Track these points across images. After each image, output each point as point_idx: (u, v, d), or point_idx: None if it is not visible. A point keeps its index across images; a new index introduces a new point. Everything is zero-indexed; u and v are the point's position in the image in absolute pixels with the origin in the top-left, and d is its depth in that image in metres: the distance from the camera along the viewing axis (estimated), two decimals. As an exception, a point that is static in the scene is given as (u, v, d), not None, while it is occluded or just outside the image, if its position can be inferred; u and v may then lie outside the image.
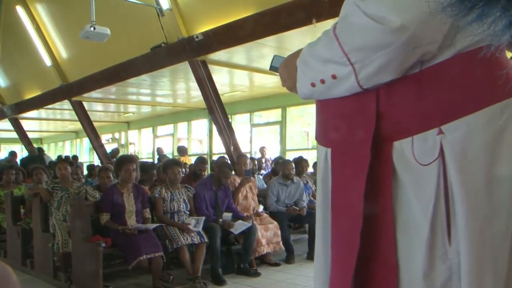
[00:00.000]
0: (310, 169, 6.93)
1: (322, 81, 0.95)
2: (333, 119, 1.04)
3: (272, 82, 9.77)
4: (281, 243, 5.10)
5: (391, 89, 0.92)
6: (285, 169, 5.70)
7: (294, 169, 5.77)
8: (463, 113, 0.88)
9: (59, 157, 5.17)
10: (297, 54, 1.04)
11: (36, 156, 11.66)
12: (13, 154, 11.64)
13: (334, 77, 0.93)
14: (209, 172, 7.17)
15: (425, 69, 0.90)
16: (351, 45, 0.88)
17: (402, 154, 0.92)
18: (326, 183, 1.06)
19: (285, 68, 1.10)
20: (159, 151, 12.20)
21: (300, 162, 6.20)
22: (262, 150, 10.14)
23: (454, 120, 0.88)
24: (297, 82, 1.03)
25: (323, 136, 1.11)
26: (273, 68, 1.32)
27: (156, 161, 10.85)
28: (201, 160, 6.17)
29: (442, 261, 0.89)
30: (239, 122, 13.44)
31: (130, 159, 4.74)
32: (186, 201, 4.75)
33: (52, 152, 22.31)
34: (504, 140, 0.88)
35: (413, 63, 0.89)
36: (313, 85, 0.98)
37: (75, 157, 12.19)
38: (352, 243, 0.94)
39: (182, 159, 9.21)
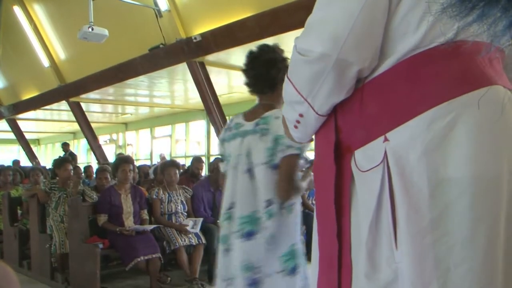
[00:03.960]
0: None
1: (298, 122, 1.06)
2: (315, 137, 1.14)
3: (270, 84, 9.77)
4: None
5: (341, 105, 0.99)
6: None
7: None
8: (405, 118, 0.89)
9: (65, 157, 5.18)
10: None
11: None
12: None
13: (301, 115, 1.03)
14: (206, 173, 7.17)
15: (366, 82, 0.95)
16: (299, 82, 0.98)
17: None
18: None
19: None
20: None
21: None
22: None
23: (397, 127, 0.90)
24: (289, 130, 1.14)
25: None
26: None
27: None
28: (197, 159, 6.16)
29: (388, 264, 0.90)
30: (237, 124, 13.43)
31: (126, 159, 4.73)
32: (184, 202, 4.75)
33: (49, 153, 22.29)
34: (450, 142, 0.86)
35: (355, 81, 0.95)
36: (296, 127, 1.08)
37: (72, 154, 12.16)
38: (333, 246, 1.00)
39: None
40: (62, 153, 11.51)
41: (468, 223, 0.85)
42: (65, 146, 12.28)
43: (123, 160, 4.66)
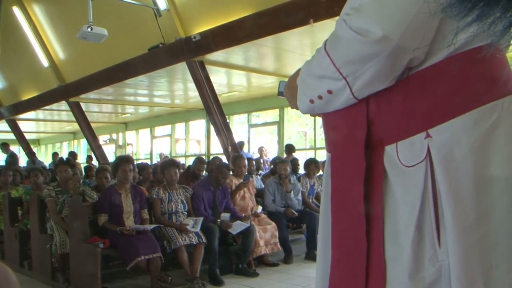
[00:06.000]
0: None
1: (320, 97, 0.99)
2: (330, 126, 1.09)
3: (269, 83, 9.77)
4: (278, 244, 5.09)
5: (379, 96, 0.94)
6: (279, 169, 5.72)
7: (290, 169, 5.79)
8: (450, 116, 0.89)
9: (61, 159, 5.14)
10: (297, 73, 1.08)
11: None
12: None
13: (330, 92, 0.96)
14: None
15: (411, 75, 0.92)
16: (341, 60, 0.92)
17: (392, 158, 0.94)
18: (328, 186, 1.09)
19: (288, 89, 1.15)
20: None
21: (309, 164, 6.18)
22: (260, 150, 10.14)
23: (440, 124, 0.89)
24: (298, 100, 1.07)
25: (325, 142, 1.15)
26: (280, 94, 1.38)
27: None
28: (199, 160, 6.15)
29: (431, 263, 0.90)
30: (237, 123, 13.45)
31: (126, 159, 4.72)
32: (184, 201, 4.74)
33: (49, 153, 22.28)
34: (493, 141, 0.88)
35: (402, 70, 0.91)
36: (311, 101, 1.02)
37: (73, 154, 12.07)
38: (359, 244, 0.96)
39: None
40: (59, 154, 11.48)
41: (508, 223, 0.87)
42: (3, 146, 11.25)
43: (123, 160, 4.65)
